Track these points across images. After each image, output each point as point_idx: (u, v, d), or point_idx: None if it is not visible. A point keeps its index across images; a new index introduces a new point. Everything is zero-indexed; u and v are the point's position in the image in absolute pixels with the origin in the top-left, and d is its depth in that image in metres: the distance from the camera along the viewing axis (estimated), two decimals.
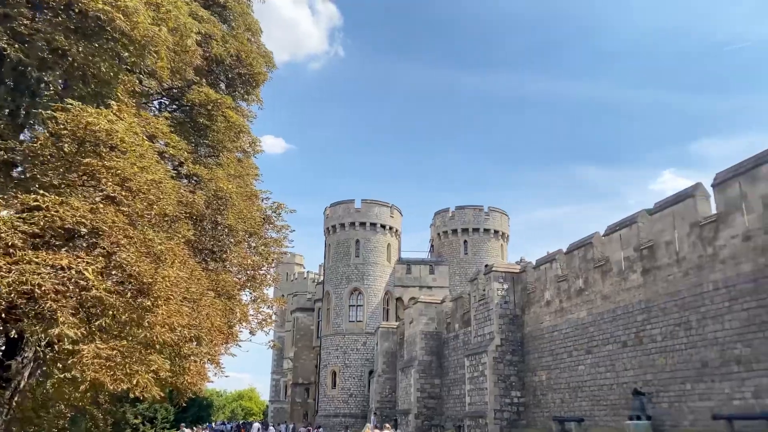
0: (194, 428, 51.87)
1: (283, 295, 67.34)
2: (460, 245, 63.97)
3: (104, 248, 9.12)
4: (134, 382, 8.94)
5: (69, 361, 8.77)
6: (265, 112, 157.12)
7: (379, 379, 49.83)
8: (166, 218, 11.84)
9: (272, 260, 18.73)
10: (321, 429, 52.62)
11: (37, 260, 8.18)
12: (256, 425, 60.76)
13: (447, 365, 39.64)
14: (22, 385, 12.11)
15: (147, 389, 9.34)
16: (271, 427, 60.20)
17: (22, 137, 12.63)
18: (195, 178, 16.85)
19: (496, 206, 65.92)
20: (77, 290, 8.21)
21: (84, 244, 9.16)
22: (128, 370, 8.78)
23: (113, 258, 9.15)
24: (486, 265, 35.97)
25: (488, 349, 30.00)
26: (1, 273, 8.14)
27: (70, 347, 8.34)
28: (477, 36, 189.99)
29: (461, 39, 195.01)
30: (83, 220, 8.81)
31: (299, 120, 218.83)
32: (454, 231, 64.57)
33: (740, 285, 17.93)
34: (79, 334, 8.14)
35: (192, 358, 13.63)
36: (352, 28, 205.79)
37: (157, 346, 11.65)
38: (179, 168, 16.37)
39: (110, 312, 8.82)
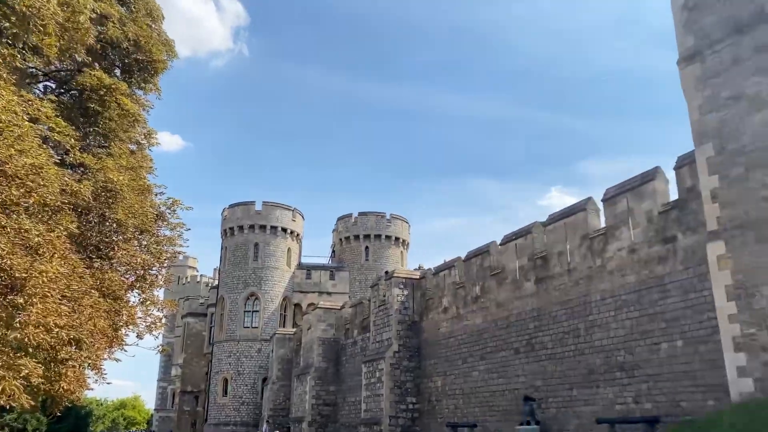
0: None
1: (175, 300, 64.22)
2: (362, 251, 64.07)
3: None
4: (0, 388, 7.92)
5: None
6: (162, 107, 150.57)
7: (273, 386, 48.73)
8: (47, 208, 10.73)
9: (165, 260, 17.61)
10: None
11: None
12: None
13: (344, 372, 39.34)
14: None
15: (15, 397, 8.30)
16: None
17: None
18: (82, 168, 15.55)
19: (397, 213, 66.70)
20: None
21: None
22: None
23: None
24: (386, 272, 36.15)
25: (386, 355, 30.01)
26: None
27: None
28: (383, 47, 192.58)
29: (367, 49, 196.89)
30: None
31: (198, 118, 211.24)
32: (356, 237, 64.63)
33: (625, 295, 18.99)
34: None
35: (70, 363, 12.42)
36: (258, 28, 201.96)
37: (30, 350, 10.51)
38: (65, 156, 15.02)
39: None
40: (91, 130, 16.27)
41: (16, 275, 8.22)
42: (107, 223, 15.59)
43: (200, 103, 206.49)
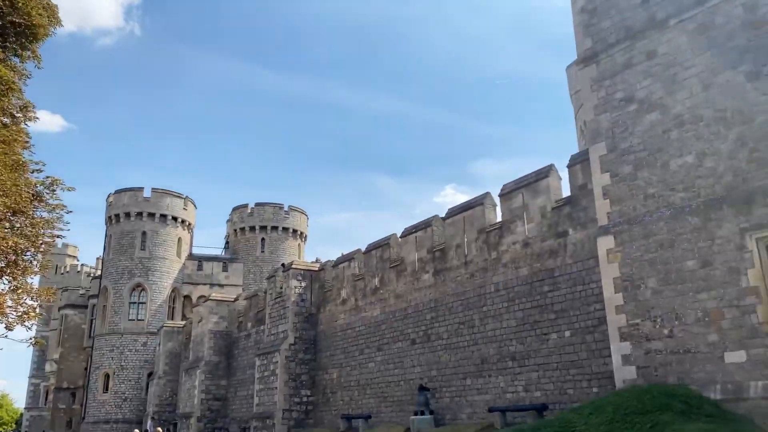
0: None
1: (53, 288, 59.51)
2: (258, 243, 62.46)
3: None
4: None
5: None
6: (43, 83, 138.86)
7: (160, 381, 46.43)
8: None
9: (41, 244, 16.01)
10: None
11: None
12: None
13: (236, 365, 38.14)
14: None
15: None
16: None
17: None
18: None
19: (295, 205, 65.62)
20: None
21: None
22: None
23: None
24: (283, 264, 35.38)
25: (281, 348, 29.37)
26: None
27: None
28: (281, 37, 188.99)
29: (266, 37, 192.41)
30: None
31: (83, 98, 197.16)
32: (252, 228, 62.88)
33: (518, 287, 19.63)
34: None
35: None
36: (153, 8, 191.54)
37: None
38: None
39: None
40: None
41: None
42: None
43: (86, 82, 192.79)
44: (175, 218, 57.72)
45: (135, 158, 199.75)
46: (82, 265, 79.93)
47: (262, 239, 62.82)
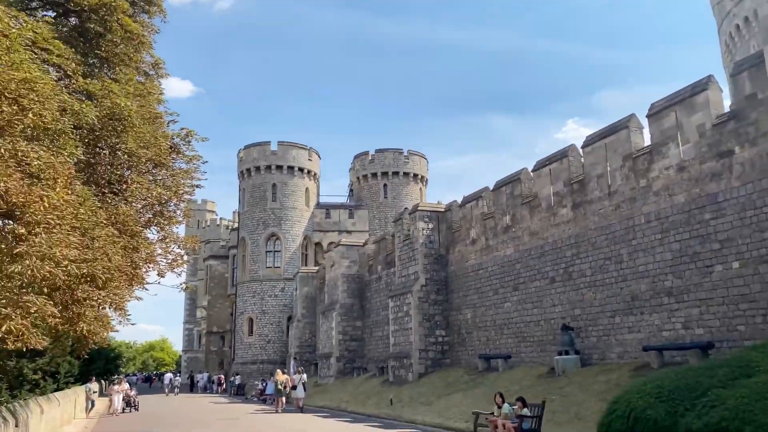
0: (103, 381, 49.01)
1: (196, 236, 63.86)
2: (380, 189, 62.90)
3: None
4: (3, 328, 7.01)
5: None
6: (168, 51, 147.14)
7: (298, 324, 48.78)
8: (48, 132, 9.62)
9: (182, 193, 16.56)
10: (239, 376, 51.21)
11: None
12: (168, 375, 58.67)
13: (369, 308, 38.95)
14: None
15: (24, 338, 7.44)
16: (178, 377, 58.47)
17: None
18: (86, 96, 14.30)
19: (414, 150, 65.04)
20: None
21: None
22: None
23: None
24: (405, 209, 35.12)
25: (413, 289, 29.30)
26: None
27: None
28: None
29: None
30: None
31: (208, 62, 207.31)
32: (374, 174, 63.30)
33: (673, 216, 17.71)
34: None
35: (88, 302, 11.60)
36: None
37: (45, 290, 9.62)
38: (67, 83, 13.79)
39: None
40: (93, 53, 14.95)
41: (13, 200, 7.18)
42: (118, 155, 14.50)
43: (208, 47, 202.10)
44: (301, 169, 59.34)
45: (261, 115, 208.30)
46: (221, 219, 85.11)
47: (384, 185, 63.14)
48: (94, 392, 32.10)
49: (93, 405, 31.11)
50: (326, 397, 33.72)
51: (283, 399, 29.70)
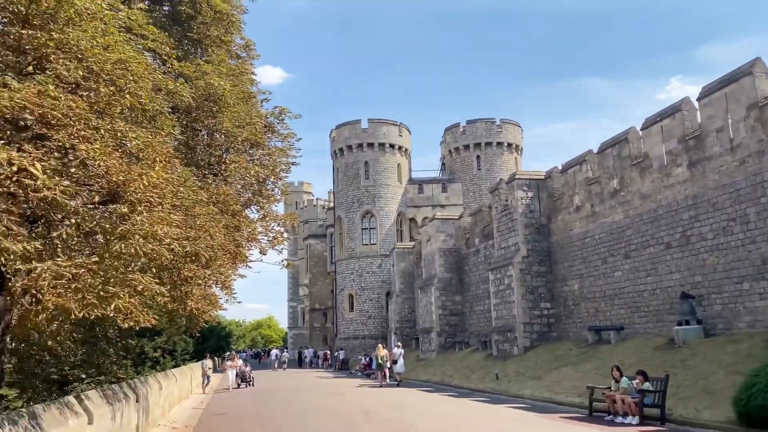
0: (216, 358, 51.72)
1: (294, 213, 65.49)
2: (473, 161, 61.52)
3: (59, 141, 7.06)
4: (112, 306, 7.09)
5: (19, 283, 6.92)
6: (259, 39, 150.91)
7: (398, 299, 48.94)
8: (146, 114, 9.71)
9: (279, 171, 16.63)
10: (342, 351, 52.35)
11: None
12: (275, 351, 61.10)
13: (468, 281, 38.28)
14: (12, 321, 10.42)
15: (132, 315, 7.53)
16: (285, 353, 60.76)
17: None
18: (181, 79, 14.53)
19: (507, 118, 62.94)
20: (21, 192, 6.23)
21: (30, 136, 7.09)
22: (102, 293, 6.91)
23: (72, 153, 7.11)
24: (500, 179, 33.94)
25: (514, 261, 28.32)
26: None
27: (22, 267, 6.43)
28: None
29: None
30: (28, 105, 6.72)
31: (296, 48, 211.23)
32: (466, 146, 61.92)
33: None
34: (31, 249, 6.20)
35: (195, 280, 11.81)
36: None
37: (153, 269, 9.79)
38: (162, 67, 14.06)
39: (73, 220, 6.86)
40: (186, 35, 15.14)
41: (114, 179, 7.20)
42: (216, 136, 14.68)
43: (295, 34, 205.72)
44: (392, 145, 59.11)
45: (350, 96, 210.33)
46: (317, 199, 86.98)
47: (477, 156, 61.66)
48: (209, 368, 33.73)
49: (209, 380, 32.71)
50: (429, 372, 33.61)
51: (387, 372, 29.90)
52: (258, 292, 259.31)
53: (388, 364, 30.18)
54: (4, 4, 8.36)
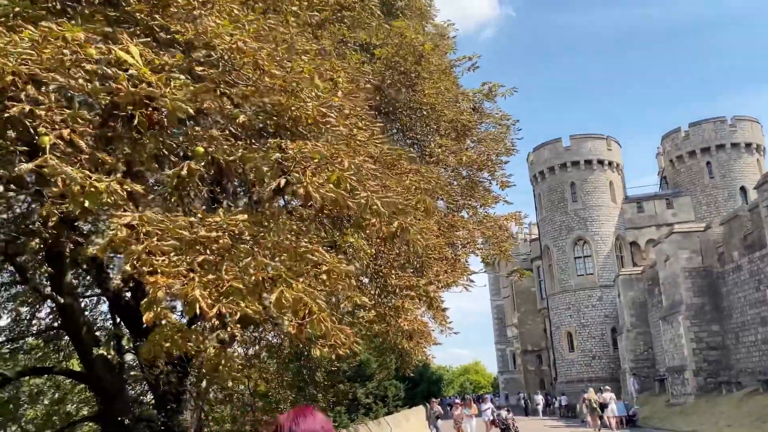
0: (427, 404, 48.57)
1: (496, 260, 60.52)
2: (703, 168, 52.26)
3: None
4: (273, 297, 3.90)
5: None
6: None
7: (629, 334, 41.88)
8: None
9: (496, 158, 12.92)
10: (565, 396, 46.06)
11: None
12: (488, 397, 55.91)
13: (727, 306, 30.63)
14: None
15: (346, 345, 4.33)
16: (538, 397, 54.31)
17: None
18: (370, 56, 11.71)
19: (742, 115, 52.90)
20: None
21: None
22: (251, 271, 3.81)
23: None
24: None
25: None
26: None
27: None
28: None
29: None
30: None
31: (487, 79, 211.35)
32: (691, 153, 52.90)
33: None
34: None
35: (404, 292, 8.43)
36: None
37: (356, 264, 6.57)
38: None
39: None
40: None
41: None
42: (417, 113, 11.47)
43: (482, 66, 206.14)
44: (600, 161, 52.68)
45: (543, 123, 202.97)
46: (516, 232, 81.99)
47: (707, 163, 52.29)
48: (436, 414, 30.07)
49: (437, 430, 28.96)
50: (690, 421, 26.87)
51: (597, 418, 29.09)
52: (462, 337, 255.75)
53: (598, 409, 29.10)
54: None
